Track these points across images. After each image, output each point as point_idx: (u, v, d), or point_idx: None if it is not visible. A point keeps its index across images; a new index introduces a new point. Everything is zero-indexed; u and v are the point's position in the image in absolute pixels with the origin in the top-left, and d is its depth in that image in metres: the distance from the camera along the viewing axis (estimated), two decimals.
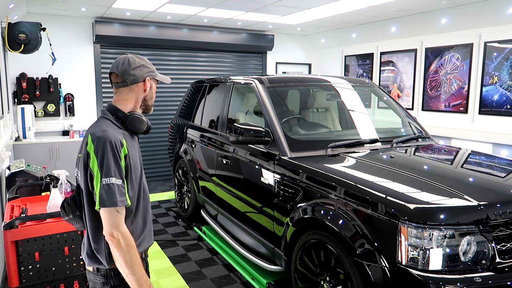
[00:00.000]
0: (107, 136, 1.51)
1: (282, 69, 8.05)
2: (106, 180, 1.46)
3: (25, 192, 3.41)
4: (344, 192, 2.33)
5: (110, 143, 1.50)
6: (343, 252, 2.25)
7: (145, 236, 1.70)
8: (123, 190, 1.50)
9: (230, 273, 3.54)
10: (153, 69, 1.72)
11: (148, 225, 1.74)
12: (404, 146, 3.23)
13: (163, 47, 6.77)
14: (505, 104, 4.89)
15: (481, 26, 5.09)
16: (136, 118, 1.65)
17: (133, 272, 1.49)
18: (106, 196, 1.46)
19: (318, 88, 3.89)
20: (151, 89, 1.72)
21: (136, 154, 1.67)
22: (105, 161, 1.48)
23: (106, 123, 1.60)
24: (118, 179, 1.49)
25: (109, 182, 1.46)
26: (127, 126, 1.64)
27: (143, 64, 1.68)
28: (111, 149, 1.49)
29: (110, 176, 1.47)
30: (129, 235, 1.51)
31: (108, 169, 1.47)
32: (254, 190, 3.25)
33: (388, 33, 6.33)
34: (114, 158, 1.49)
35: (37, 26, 4.83)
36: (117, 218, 1.48)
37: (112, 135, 1.52)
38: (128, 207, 1.57)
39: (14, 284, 2.64)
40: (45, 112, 5.89)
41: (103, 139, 1.50)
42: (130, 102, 1.68)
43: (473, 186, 2.39)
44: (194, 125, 4.65)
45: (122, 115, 1.64)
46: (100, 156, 1.48)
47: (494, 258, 1.98)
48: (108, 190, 1.46)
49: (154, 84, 1.74)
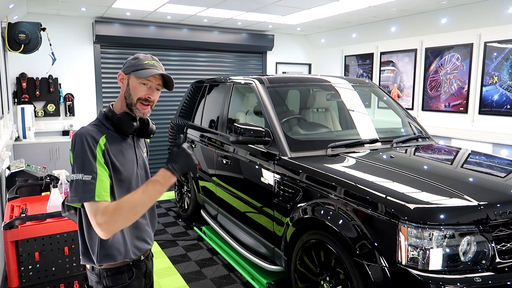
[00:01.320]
0: (80, 132, 1.48)
1: (282, 69, 8.05)
2: (73, 176, 1.42)
3: (25, 192, 3.41)
4: (344, 192, 2.33)
5: (82, 139, 1.45)
6: (343, 252, 2.25)
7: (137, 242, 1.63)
8: (91, 187, 1.40)
9: (230, 273, 3.54)
10: (132, 64, 1.58)
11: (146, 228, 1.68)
12: (404, 146, 3.23)
13: (163, 47, 6.77)
14: (505, 104, 4.89)
15: (481, 26, 5.09)
16: (122, 119, 1.57)
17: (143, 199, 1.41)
18: (72, 192, 1.42)
19: (318, 88, 3.89)
20: (128, 86, 1.58)
21: (128, 157, 1.60)
22: (76, 156, 1.44)
23: (92, 123, 1.59)
24: (87, 175, 1.41)
25: (75, 178, 1.42)
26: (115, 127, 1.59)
27: (128, 60, 1.62)
28: (82, 144, 1.44)
29: (77, 172, 1.42)
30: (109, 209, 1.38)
31: (77, 165, 1.43)
32: (254, 190, 3.25)
33: (388, 33, 6.33)
34: (84, 153, 1.43)
35: (37, 26, 4.83)
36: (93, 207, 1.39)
37: (86, 131, 1.48)
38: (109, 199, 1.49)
39: (14, 284, 2.64)
40: (45, 112, 5.89)
41: (77, 135, 1.48)
42: (119, 101, 1.63)
43: (473, 186, 2.38)
44: (194, 125, 4.65)
45: (110, 115, 1.59)
46: (74, 152, 1.45)
47: (494, 258, 1.98)
48: (74, 186, 1.42)
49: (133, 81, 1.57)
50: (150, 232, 1.72)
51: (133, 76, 1.57)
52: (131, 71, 1.57)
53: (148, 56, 1.63)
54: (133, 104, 1.58)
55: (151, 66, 1.58)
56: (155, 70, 1.57)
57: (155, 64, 1.60)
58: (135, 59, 1.59)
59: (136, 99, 1.57)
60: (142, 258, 1.68)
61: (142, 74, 1.55)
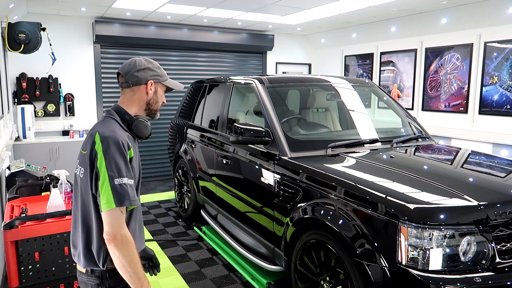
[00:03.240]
0: (116, 137, 1.50)
1: (282, 69, 8.05)
2: (119, 180, 1.46)
3: (25, 192, 3.41)
4: (344, 192, 2.33)
5: (120, 144, 1.50)
6: (343, 252, 2.25)
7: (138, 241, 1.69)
8: (135, 190, 1.52)
9: (230, 273, 3.54)
10: (160, 74, 1.70)
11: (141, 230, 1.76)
12: (404, 146, 3.23)
13: (163, 47, 6.77)
14: (505, 104, 4.89)
15: (481, 26, 5.09)
16: (142, 123, 1.65)
17: (136, 271, 1.48)
18: (120, 195, 1.46)
19: (318, 88, 3.89)
20: (155, 94, 1.69)
21: (138, 158, 1.69)
22: (115, 161, 1.47)
23: (113, 124, 1.59)
24: (130, 180, 1.50)
25: (121, 182, 1.46)
26: (132, 129, 1.64)
27: (149, 67, 1.66)
28: (121, 150, 1.49)
29: (122, 176, 1.47)
30: (130, 236, 1.50)
31: (119, 170, 1.47)
32: (254, 190, 3.25)
33: (388, 33, 6.33)
34: (124, 159, 1.49)
35: (37, 26, 4.83)
36: (120, 219, 1.48)
37: (121, 136, 1.53)
38: (130, 209, 1.58)
39: (14, 284, 2.64)
40: (45, 112, 5.89)
41: (113, 139, 1.49)
42: (134, 104, 1.67)
43: (473, 186, 2.39)
44: (194, 125, 4.65)
45: (128, 118, 1.64)
46: (109, 157, 1.47)
47: (494, 258, 1.98)
48: (121, 189, 1.46)
49: (160, 89, 1.71)
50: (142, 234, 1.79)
51: (160, 85, 1.72)
52: (161, 80, 1.71)
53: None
54: (157, 110, 1.74)
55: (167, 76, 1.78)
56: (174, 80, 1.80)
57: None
58: (159, 68, 1.72)
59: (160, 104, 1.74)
60: None
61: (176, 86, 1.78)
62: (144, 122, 1.65)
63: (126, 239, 1.47)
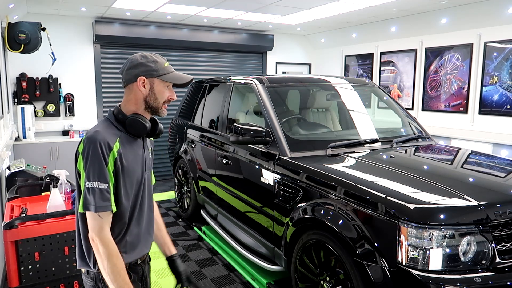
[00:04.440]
0: (95, 137, 1.45)
1: (282, 69, 8.05)
2: (89, 183, 1.42)
3: (25, 192, 3.41)
4: (344, 192, 2.33)
5: (96, 145, 1.44)
6: (343, 252, 2.25)
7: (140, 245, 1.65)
8: (107, 195, 1.44)
9: (230, 273, 3.54)
10: (155, 68, 1.56)
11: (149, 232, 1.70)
12: (404, 146, 3.23)
13: (163, 47, 6.77)
14: (505, 104, 4.89)
15: (481, 26, 5.09)
16: (135, 120, 1.56)
17: (113, 280, 1.44)
18: (88, 199, 1.42)
19: (318, 88, 3.89)
20: (152, 90, 1.57)
21: (137, 159, 1.60)
22: (89, 163, 1.43)
23: (104, 124, 1.56)
24: (103, 184, 1.43)
25: (91, 186, 1.42)
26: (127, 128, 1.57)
27: (141, 62, 1.55)
28: (97, 151, 1.43)
29: (94, 180, 1.42)
30: (109, 242, 1.45)
31: (92, 172, 1.42)
32: (254, 190, 3.25)
33: (388, 33, 6.33)
34: (99, 161, 1.43)
35: (37, 26, 4.83)
36: (98, 223, 1.44)
37: (101, 136, 1.46)
38: (120, 213, 1.52)
39: (14, 284, 2.64)
40: (45, 112, 5.89)
41: (91, 140, 1.45)
42: (131, 103, 1.59)
43: (473, 186, 2.38)
44: (194, 125, 4.65)
45: (122, 117, 1.57)
46: (85, 157, 1.44)
47: (494, 258, 1.98)
48: (89, 193, 1.42)
49: (158, 85, 1.57)
50: (148, 239, 1.72)
51: (157, 80, 1.57)
52: (157, 75, 1.56)
53: (159, 57, 1.62)
54: (159, 107, 1.60)
55: (171, 68, 1.62)
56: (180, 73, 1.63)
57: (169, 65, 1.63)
58: (155, 62, 1.57)
59: (162, 102, 1.60)
60: (139, 262, 1.67)
61: (175, 80, 1.60)
62: (138, 120, 1.56)
63: (102, 244, 1.44)
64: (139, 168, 1.61)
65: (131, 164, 1.55)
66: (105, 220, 1.45)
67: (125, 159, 1.52)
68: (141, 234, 1.65)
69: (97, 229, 1.44)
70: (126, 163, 1.53)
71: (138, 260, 1.66)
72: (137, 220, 1.61)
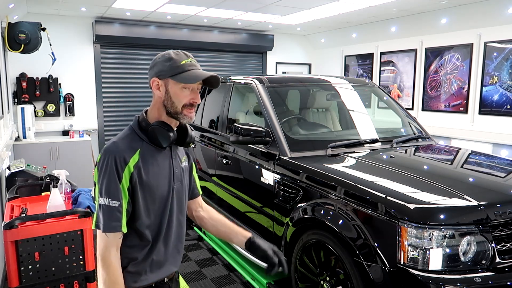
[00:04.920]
0: (111, 150, 1.35)
1: (282, 69, 8.05)
2: (101, 199, 1.33)
3: (25, 192, 3.40)
4: (344, 192, 2.33)
5: (110, 159, 1.33)
6: (343, 252, 2.24)
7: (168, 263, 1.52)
8: (117, 215, 1.33)
9: (230, 273, 3.54)
10: (167, 68, 1.38)
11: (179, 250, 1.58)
12: (404, 146, 3.23)
13: (163, 47, 6.76)
14: (505, 104, 4.89)
15: (481, 26, 5.09)
16: (156, 129, 1.40)
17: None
18: (99, 217, 1.34)
19: (318, 88, 3.89)
20: (167, 93, 1.40)
21: (162, 171, 1.45)
22: (102, 177, 1.34)
23: (125, 134, 1.43)
24: (114, 201, 1.32)
25: (103, 203, 1.32)
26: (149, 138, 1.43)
27: (158, 61, 1.41)
28: (110, 165, 1.33)
29: (105, 196, 1.32)
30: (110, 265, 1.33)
31: (105, 188, 1.33)
32: (254, 190, 3.25)
33: (388, 33, 6.33)
34: (112, 176, 1.32)
35: (37, 26, 4.83)
36: (104, 243, 1.34)
37: (117, 149, 1.35)
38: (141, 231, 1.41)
39: (14, 284, 2.64)
40: (45, 112, 5.89)
41: (107, 152, 1.35)
42: (154, 108, 1.45)
43: (473, 186, 2.38)
44: (194, 125, 4.65)
45: (145, 125, 1.43)
46: (100, 171, 1.35)
47: (494, 258, 1.98)
48: (100, 210, 1.33)
49: (173, 86, 1.39)
50: (177, 257, 1.59)
51: (172, 81, 1.39)
52: (169, 76, 1.38)
53: (181, 53, 1.43)
54: (178, 112, 1.41)
55: (191, 66, 1.41)
56: (197, 71, 1.41)
57: (192, 62, 1.42)
58: (168, 61, 1.39)
59: (181, 106, 1.41)
60: (166, 280, 1.55)
61: (186, 79, 1.38)
62: (160, 128, 1.40)
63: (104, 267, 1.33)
64: (165, 181, 1.46)
65: (153, 178, 1.42)
66: (112, 240, 1.34)
67: (144, 173, 1.39)
68: (169, 252, 1.52)
69: (102, 248, 1.34)
70: (146, 178, 1.39)
71: (166, 279, 1.54)
72: (164, 238, 1.48)
